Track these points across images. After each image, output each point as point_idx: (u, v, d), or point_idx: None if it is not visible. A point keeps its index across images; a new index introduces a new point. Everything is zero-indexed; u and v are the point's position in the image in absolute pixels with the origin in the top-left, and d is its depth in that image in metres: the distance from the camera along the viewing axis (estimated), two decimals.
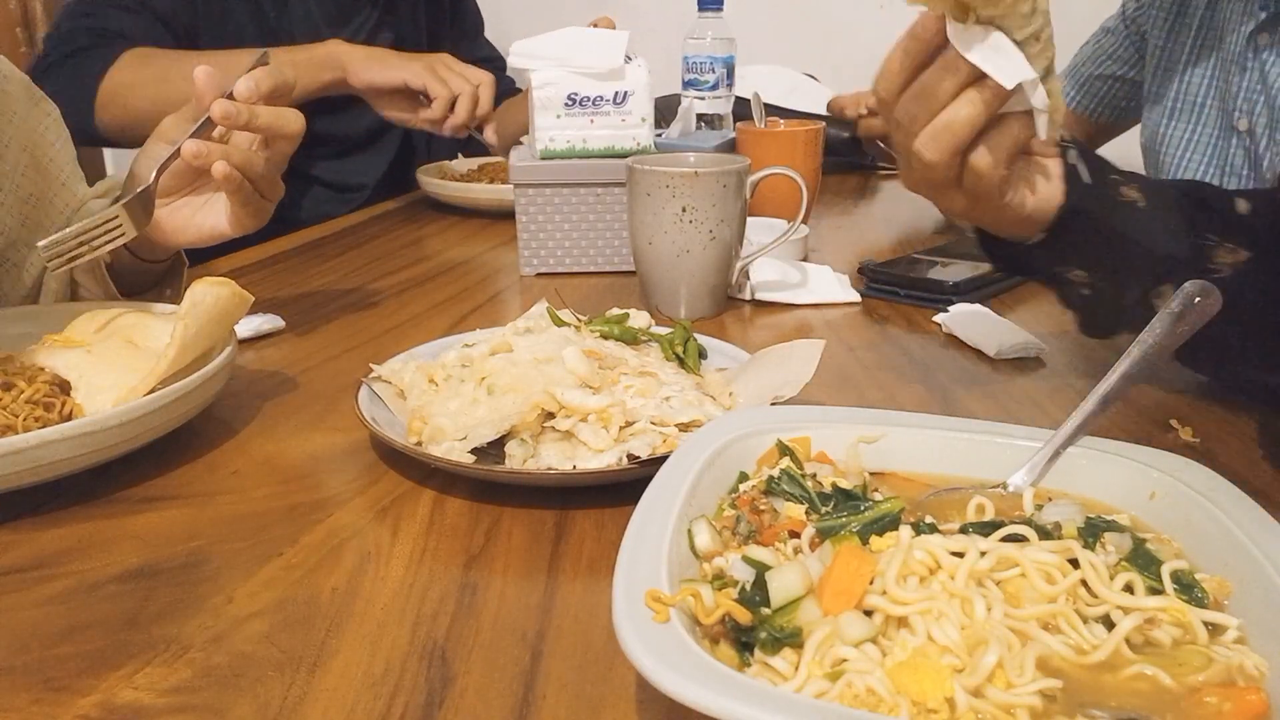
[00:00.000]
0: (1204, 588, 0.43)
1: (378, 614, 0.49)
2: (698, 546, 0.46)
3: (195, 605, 0.49)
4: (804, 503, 0.49)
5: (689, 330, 0.76)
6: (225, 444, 0.68)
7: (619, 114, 1.08)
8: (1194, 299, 0.57)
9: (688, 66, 1.37)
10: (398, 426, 0.65)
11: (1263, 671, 0.39)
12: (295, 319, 0.95)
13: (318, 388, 0.78)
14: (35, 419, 0.61)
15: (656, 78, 1.10)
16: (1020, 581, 0.41)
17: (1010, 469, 0.53)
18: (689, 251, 0.91)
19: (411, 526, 0.57)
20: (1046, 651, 0.39)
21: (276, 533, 0.57)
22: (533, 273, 1.11)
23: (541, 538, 0.56)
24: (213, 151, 0.78)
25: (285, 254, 1.24)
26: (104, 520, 0.58)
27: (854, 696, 0.36)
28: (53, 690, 0.43)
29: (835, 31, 2.22)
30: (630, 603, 0.39)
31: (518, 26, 1.45)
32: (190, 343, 0.66)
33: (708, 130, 1.38)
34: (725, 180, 0.90)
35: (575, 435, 0.61)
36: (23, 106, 0.94)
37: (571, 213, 1.09)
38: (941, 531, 0.45)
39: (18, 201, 0.94)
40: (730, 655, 0.40)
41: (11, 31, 2.17)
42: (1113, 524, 0.47)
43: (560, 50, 1.09)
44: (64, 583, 0.52)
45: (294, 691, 0.43)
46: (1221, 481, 0.49)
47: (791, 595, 0.41)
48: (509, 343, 0.69)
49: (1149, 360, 0.55)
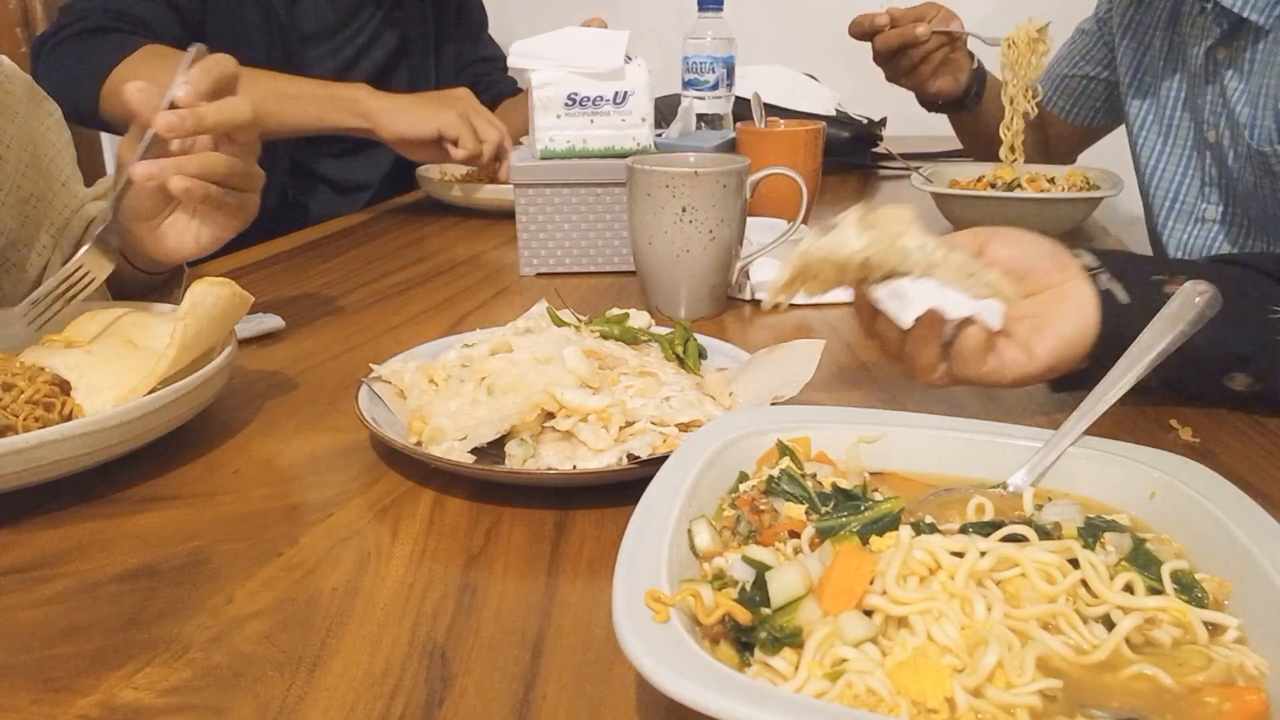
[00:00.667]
0: (1204, 588, 0.43)
1: (378, 614, 0.49)
2: (698, 546, 0.46)
3: (195, 605, 0.49)
4: (804, 503, 0.49)
5: (689, 330, 0.76)
6: (225, 444, 0.68)
7: (619, 114, 1.08)
8: (1194, 299, 0.57)
9: (688, 66, 1.37)
10: (398, 426, 0.65)
11: (1263, 671, 0.39)
12: (295, 319, 0.95)
13: (318, 388, 0.78)
14: (35, 419, 0.61)
15: (656, 78, 1.10)
16: (1020, 581, 0.41)
17: (1010, 469, 0.53)
18: (689, 251, 0.91)
19: (411, 526, 0.57)
20: (1046, 651, 0.39)
21: (276, 533, 0.57)
22: (533, 273, 1.11)
23: (541, 538, 0.56)
24: (164, 168, 0.74)
25: (285, 254, 1.24)
26: (104, 520, 0.58)
27: (854, 696, 0.36)
28: (53, 690, 0.43)
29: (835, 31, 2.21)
30: (630, 603, 0.39)
31: (520, 25, 1.44)
32: (190, 343, 0.66)
33: (708, 130, 1.38)
34: (725, 180, 0.90)
35: (575, 435, 0.61)
36: (24, 107, 0.94)
37: (571, 213, 1.09)
38: (941, 531, 0.45)
39: (18, 201, 0.94)
40: (730, 655, 0.40)
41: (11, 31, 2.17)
42: (1113, 524, 0.47)
43: (560, 50, 1.09)
44: (64, 583, 0.52)
45: (294, 691, 0.43)
46: (1221, 481, 0.49)
47: (791, 595, 0.41)
48: (509, 343, 0.69)
49: (1149, 361, 0.55)
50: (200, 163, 0.77)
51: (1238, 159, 1.20)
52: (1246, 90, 1.16)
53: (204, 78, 0.77)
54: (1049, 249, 0.66)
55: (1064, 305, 0.65)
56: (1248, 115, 1.15)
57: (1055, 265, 0.65)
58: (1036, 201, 1.23)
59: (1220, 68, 1.19)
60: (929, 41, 1.40)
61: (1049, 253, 0.66)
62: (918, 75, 1.44)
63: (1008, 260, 0.64)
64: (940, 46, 1.41)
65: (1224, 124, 1.20)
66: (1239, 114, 1.16)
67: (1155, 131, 1.34)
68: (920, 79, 1.45)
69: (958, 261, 0.61)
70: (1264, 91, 1.13)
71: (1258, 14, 1.10)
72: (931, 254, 0.60)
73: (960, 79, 1.47)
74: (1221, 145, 1.22)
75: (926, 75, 1.45)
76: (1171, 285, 0.62)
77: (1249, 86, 1.15)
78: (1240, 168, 1.20)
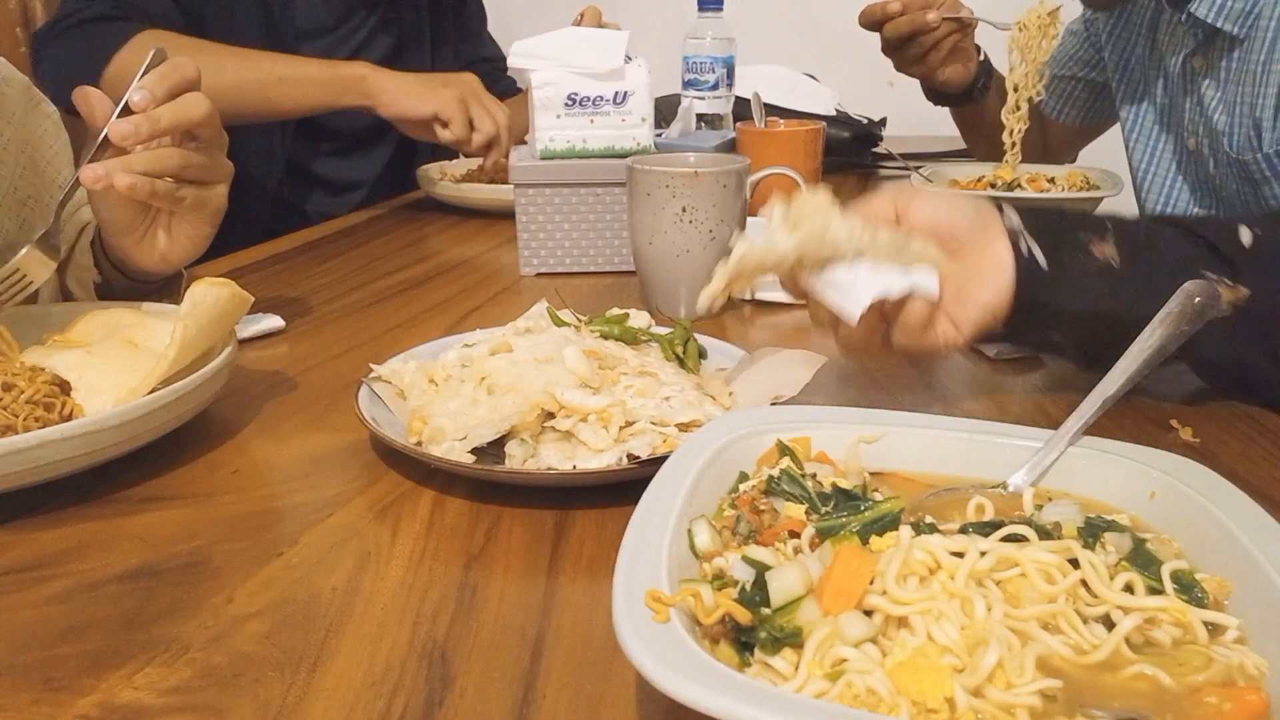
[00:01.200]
0: (1204, 588, 0.43)
1: (378, 614, 0.49)
2: (698, 546, 0.46)
3: (195, 605, 0.49)
4: (804, 503, 0.48)
5: (689, 330, 0.76)
6: (225, 444, 0.68)
7: (619, 114, 1.08)
8: (1194, 298, 0.57)
9: (688, 66, 1.37)
10: (398, 426, 0.65)
11: (1263, 671, 0.39)
12: (295, 319, 0.95)
13: (318, 388, 0.78)
14: (35, 419, 0.61)
15: (656, 78, 1.10)
16: (1020, 581, 0.41)
17: (1010, 469, 0.53)
18: (689, 251, 0.91)
19: (411, 526, 0.57)
20: (1046, 651, 0.39)
21: (276, 533, 0.57)
22: (533, 273, 1.11)
23: (541, 538, 0.56)
24: (110, 169, 0.72)
25: (285, 254, 1.24)
26: (104, 520, 0.58)
27: (854, 696, 0.36)
28: (53, 690, 0.43)
29: (835, 31, 2.22)
30: (630, 603, 0.39)
31: (521, 25, 1.44)
32: (190, 343, 0.66)
33: (708, 130, 1.38)
34: (725, 180, 0.90)
35: (575, 435, 0.61)
36: (21, 108, 0.94)
37: (571, 213, 1.09)
38: (941, 531, 0.45)
39: (15, 203, 0.94)
40: (730, 655, 0.40)
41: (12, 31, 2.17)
42: (1113, 524, 0.47)
43: (560, 50, 1.09)
44: (64, 583, 0.52)
45: (294, 691, 0.43)
46: (1221, 481, 0.49)
47: (791, 595, 0.41)
48: (509, 343, 0.69)
49: (1149, 361, 0.55)
50: (148, 160, 0.75)
51: (1218, 166, 1.21)
52: (1223, 99, 1.16)
53: (160, 83, 0.75)
54: (972, 207, 0.65)
55: (983, 269, 0.64)
56: (1225, 123, 1.16)
57: (978, 224, 0.64)
58: (1036, 201, 1.23)
59: (1197, 76, 1.20)
60: (939, 28, 1.38)
61: (971, 211, 0.65)
62: (927, 63, 1.42)
63: (931, 221, 0.64)
64: (950, 34, 1.39)
65: (1203, 132, 1.21)
66: (1216, 122, 1.17)
67: (1145, 137, 1.35)
68: (929, 67, 1.43)
69: (885, 239, 0.62)
70: (1239, 100, 1.13)
71: (1231, 23, 1.11)
72: (860, 239, 0.62)
73: (970, 67, 1.44)
74: (1202, 153, 1.23)
75: (936, 63, 1.42)
76: (1100, 247, 0.62)
77: (1225, 95, 1.16)
78: (1222, 175, 1.21)
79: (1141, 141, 1.35)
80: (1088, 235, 0.64)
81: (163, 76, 0.76)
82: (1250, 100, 1.11)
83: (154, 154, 0.75)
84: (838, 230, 0.61)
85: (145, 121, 0.74)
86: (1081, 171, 1.33)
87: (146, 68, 0.76)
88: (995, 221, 0.65)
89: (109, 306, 0.78)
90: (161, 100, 0.75)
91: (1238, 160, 1.15)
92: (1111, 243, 0.63)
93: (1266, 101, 1.10)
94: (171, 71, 0.77)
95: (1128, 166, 1.38)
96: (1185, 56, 1.20)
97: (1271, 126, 1.10)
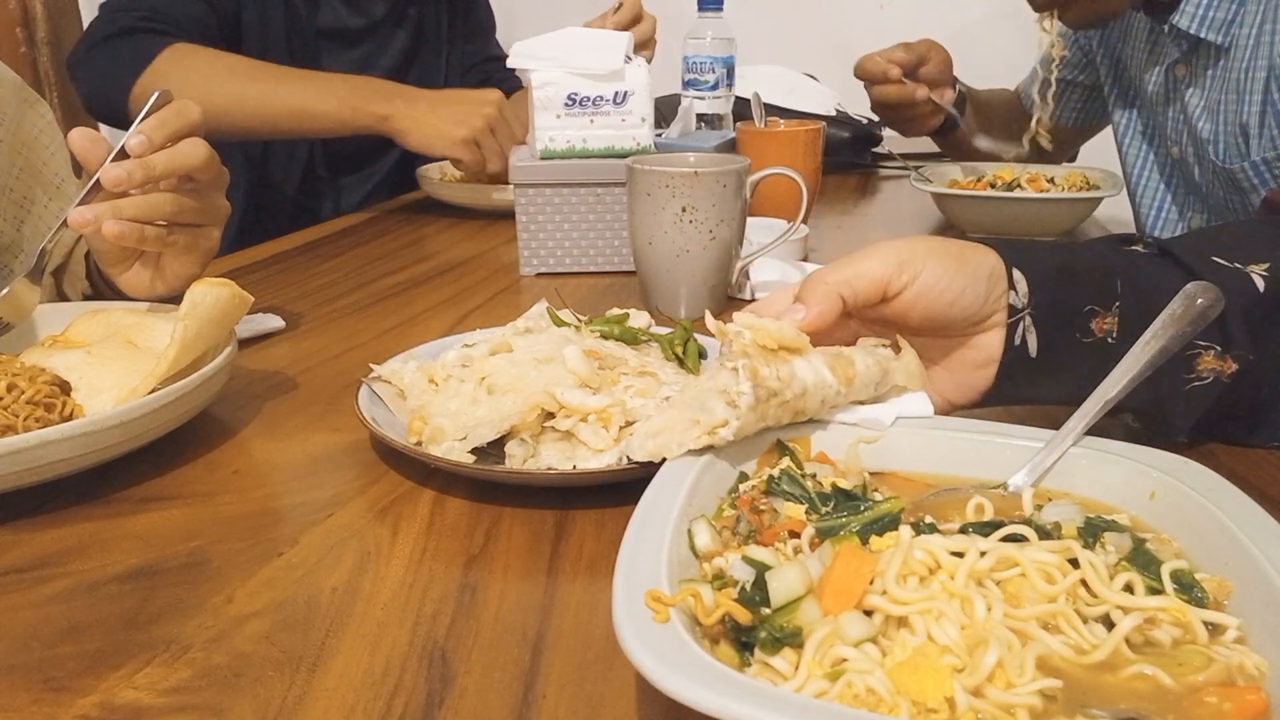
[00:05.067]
0: (1204, 588, 0.43)
1: (378, 614, 0.49)
2: (698, 546, 0.46)
3: (195, 605, 0.49)
4: (804, 503, 0.49)
5: (689, 330, 0.76)
6: (225, 444, 0.68)
7: (619, 114, 1.08)
8: (1195, 299, 0.57)
9: (688, 66, 1.37)
10: (398, 426, 0.65)
11: (1263, 671, 0.39)
12: (295, 319, 0.95)
13: (318, 388, 0.78)
14: (35, 419, 0.61)
15: (656, 78, 1.10)
16: (1020, 581, 0.41)
17: (1010, 469, 0.53)
18: (689, 251, 0.91)
19: (411, 526, 0.57)
20: (1046, 651, 0.39)
21: (276, 533, 0.57)
22: (533, 273, 1.11)
23: (541, 538, 0.56)
24: (99, 214, 0.72)
25: (285, 254, 1.24)
26: (104, 520, 0.58)
27: (854, 696, 0.36)
28: (53, 690, 0.43)
29: (835, 31, 2.22)
30: (630, 603, 0.39)
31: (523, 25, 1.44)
32: (190, 343, 0.66)
33: (708, 130, 1.38)
34: (725, 180, 0.90)
35: (575, 435, 0.61)
36: (13, 109, 0.94)
37: (571, 213, 1.09)
38: (941, 531, 0.45)
39: (11, 204, 0.94)
40: (730, 655, 0.40)
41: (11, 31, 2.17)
42: (1113, 524, 0.47)
43: (560, 50, 1.09)
44: (64, 583, 0.52)
45: (294, 691, 0.43)
46: (1221, 481, 0.49)
47: (791, 595, 0.41)
48: (509, 343, 0.69)
49: (1151, 363, 0.55)
50: (138, 205, 0.74)
51: (1204, 175, 1.21)
52: (1206, 107, 1.17)
53: (159, 129, 0.74)
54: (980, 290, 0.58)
55: (967, 357, 0.60)
56: (1210, 131, 1.16)
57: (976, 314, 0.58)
58: (1036, 201, 1.23)
59: (1180, 85, 1.20)
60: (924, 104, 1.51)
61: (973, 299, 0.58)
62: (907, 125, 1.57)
63: (925, 319, 0.58)
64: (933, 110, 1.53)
65: (1186, 140, 1.22)
66: (1200, 130, 1.17)
67: (1137, 142, 1.36)
68: (908, 128, 1.59)
69: (863, 379, 0.56)
70: (1223, 108, 1.14)
71: (1214, 33, 1.11)
72: (835, 395, 0.55)
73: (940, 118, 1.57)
74: (1187, 162, 1.23)
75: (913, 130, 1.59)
76: (1100, 321, 0.58)
77: (1209, 103, 1.16)
78: (1208, 183, 1.21)
79: (1133, 148, 1.36)
80: (1093, 307, 0.59)
81: (162, 122, 0.75)
82: (1235, 108, 1.12)
83: (146, 199, 0.74)
84: (809, 401, 0.54)
85: (139, 168, 0.73)
86: (1081, 171, 1.33)
87: (148, 110, 0.75)
88: (1000, 297, 0.58)
89: (109, 307, 0.78)
90: (159, 146, 0.74)
91: (1225, 169, 1.15)
92: (1115, 313, 0.59)
93: (1252, 109, 1.11)
94: (172, 117, 0.76)
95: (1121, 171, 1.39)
96: (1169, 65, 1.21)
97: (1258, 134, 1.11)
